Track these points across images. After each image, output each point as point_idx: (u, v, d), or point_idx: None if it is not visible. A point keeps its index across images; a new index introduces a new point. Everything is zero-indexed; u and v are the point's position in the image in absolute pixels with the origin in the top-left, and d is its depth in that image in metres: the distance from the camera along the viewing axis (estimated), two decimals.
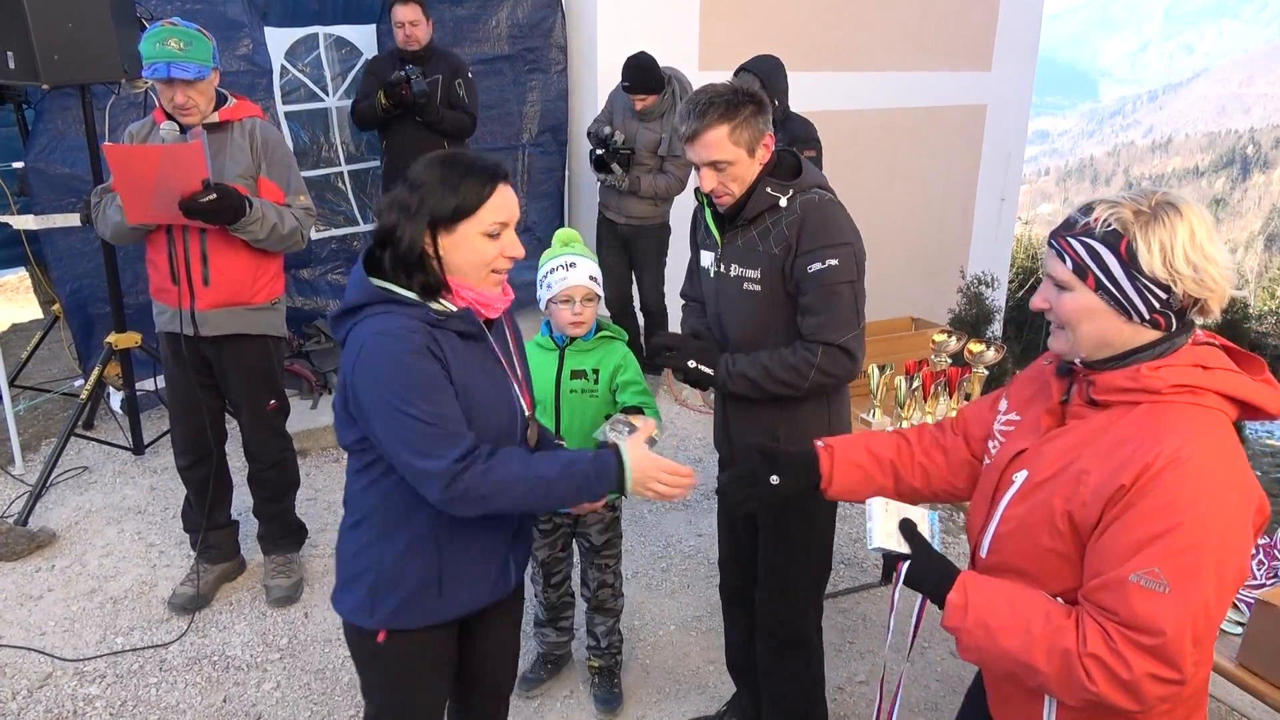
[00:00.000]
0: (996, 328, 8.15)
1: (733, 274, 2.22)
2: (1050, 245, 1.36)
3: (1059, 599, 1.36)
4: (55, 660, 2.97)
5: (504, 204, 1.65)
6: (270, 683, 2.92)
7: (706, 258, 2.31)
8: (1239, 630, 1.99)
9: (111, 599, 3.28)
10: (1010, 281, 9.97)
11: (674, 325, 5.38)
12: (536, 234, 5.93)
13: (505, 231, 1.66)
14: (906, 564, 1.51)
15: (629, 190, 4.72)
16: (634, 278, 5.11)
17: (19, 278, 6.45)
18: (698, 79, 5.08)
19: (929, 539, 1.54)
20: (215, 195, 2.71)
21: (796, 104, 4.49)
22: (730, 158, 2.08)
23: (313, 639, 3.12)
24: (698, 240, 2.38)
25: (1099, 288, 1.30)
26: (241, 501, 3.52)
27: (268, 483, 3.27)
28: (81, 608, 3.24)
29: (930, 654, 3.16)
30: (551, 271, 2.49)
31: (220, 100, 2.93)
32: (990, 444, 1.60)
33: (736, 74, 4.27)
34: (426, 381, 1.58)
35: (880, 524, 1.55)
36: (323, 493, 4.03)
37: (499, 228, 1.64)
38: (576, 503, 1.71)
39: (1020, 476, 1.41)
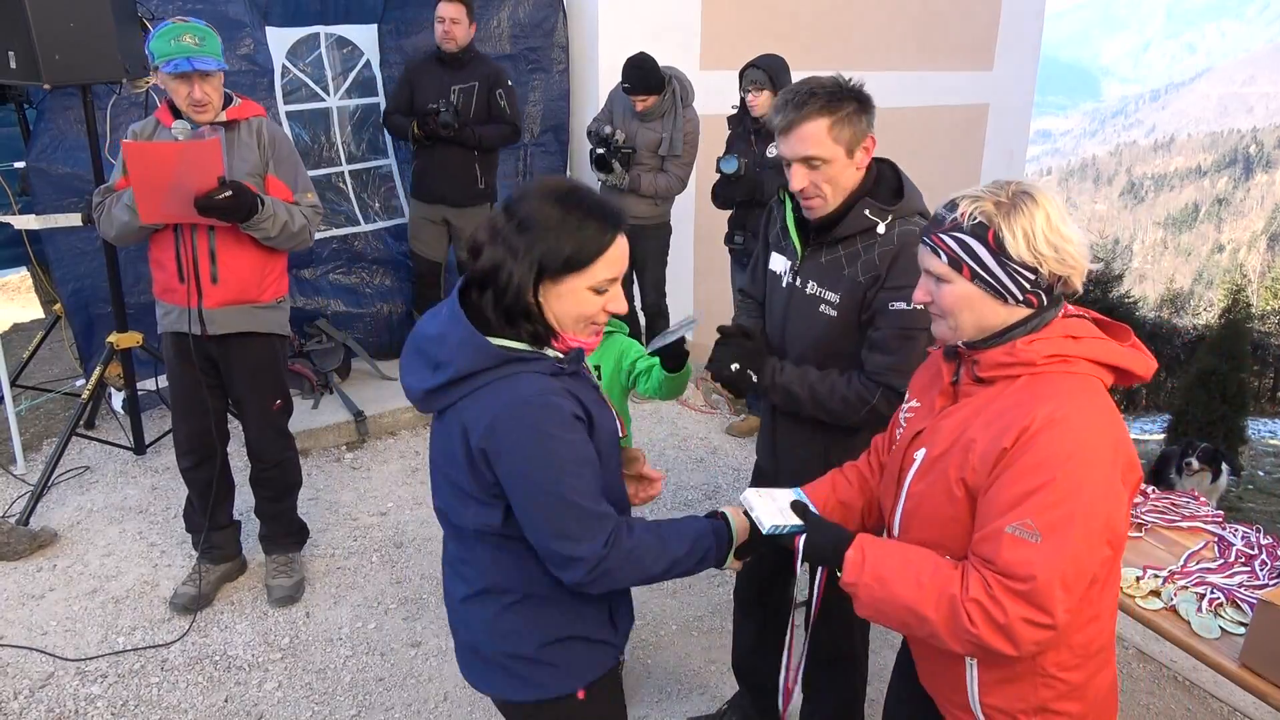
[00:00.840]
0: None
1: (809, 291, 2.09)
2: (924, 242, 1.48)
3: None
4: (57, 660, 2.97)
5: (619, 257, 1.46)
6: (272, 682, 2.92)
7: (779, 263, 2.19)
8: (1241, 630, 1.98)
9: (113, 598, 3.29)
10: None
11: (678, 318, 5.37)
12: None
13: (613, 286, 1.48)
14: (804, 536, 1.57)
15: (629, 189, 4.72)
16: (635, 278, 5.11)
17: (20, 277, 6.45)
18: (698, 78, 5.09)
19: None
20: (231, 192, 2.73)
21: None
22: (827, 155, 1.92)
23: (314, 639, 3.12)
24: (769, 239, 2.26)
25: (974, 277, 1.41)
26: (243, 501, 3.52)
27: (270, 482, 3.27)
28: (83, 607, 3.24)
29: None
30: None
31: (226, 100, 2.94)
32: (896, 431, 1.70)
33: (745, 70, 4.26)
34: (577, 458, 1.43)
35: (764, 510, 1.60)
36: (324, 493, 4.03)
37: (608, 284, 1.46)
38: (693, 573, 1.62)
39: (920, 454, 1.51)
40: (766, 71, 4.19)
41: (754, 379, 2.12)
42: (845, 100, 1.92)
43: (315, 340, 4.89)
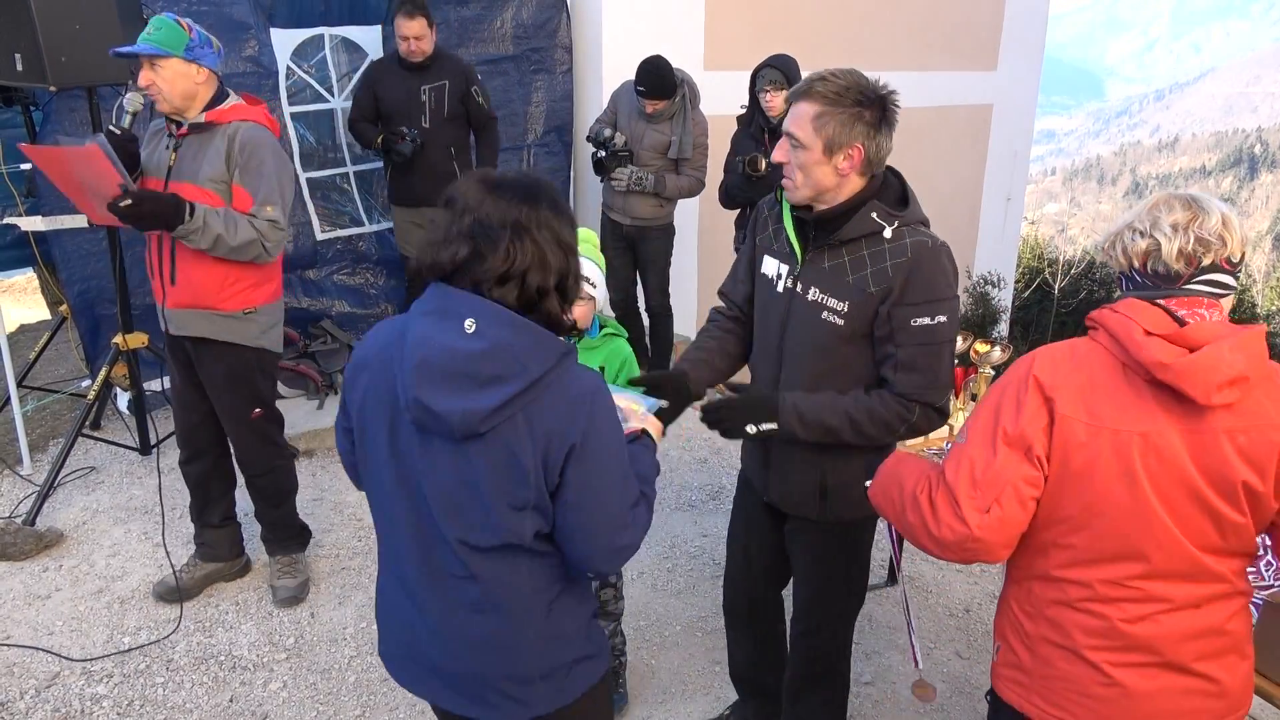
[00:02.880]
0: (1003, 328, 8.15)
1: (810, 297, 2.01)
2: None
3: None
4: (63, 660, 2.98)
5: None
6: (277, 682, 2.93)
7: (772, 266, 2.10)
8: None
9: (119, 599, 3.29)
10: (1016, 281, 9.96)
11: (680, 322, 5.39)
12: None
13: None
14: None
15: (652, 190, 4.71)
16: (639, 279, 5.11)
17: (27, 278, 6.47)
18: (702, 79, 5.10)
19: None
20: (131, 201, 2.66)
21: None
22: (804, 140, 1.89)
23: (319, 639, 3.13)
24: (760, 242, 2.17)
25: None
26: (247, 503, 3.53)
27: (261, 490, 3.25)
28: (89, 607, 3.25)
29: (936, 654, 3.15)
30: None
31: (218, 100, 2.90)
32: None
33: (760, 70, 4.24)
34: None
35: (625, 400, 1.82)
36: (329, 493, 4.04)
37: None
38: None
39: None
40: (783, 71, 4.18)
41: (774, 429, 2.02)
42: (845, 100, 1.87)
43: (320, 341, 4.90)
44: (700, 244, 6.14)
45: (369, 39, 5.17)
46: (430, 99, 4.58)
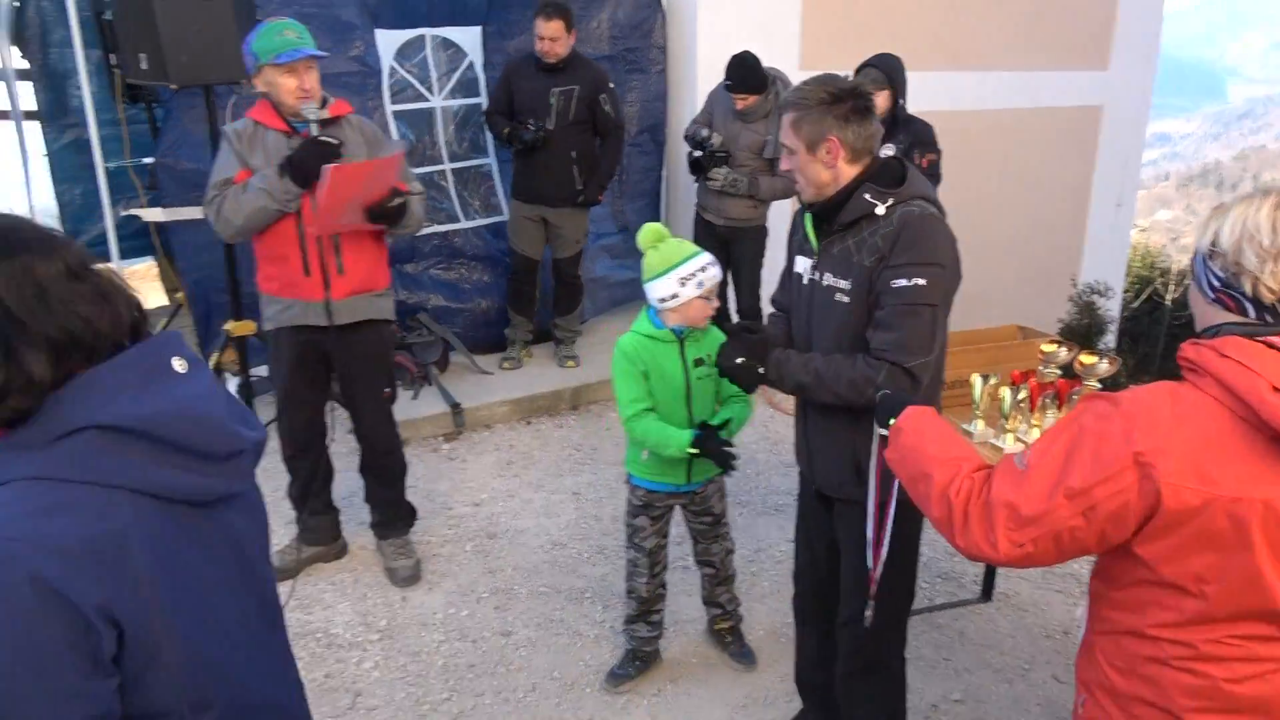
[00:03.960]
0: (1110, 339, 7.79)
1: (825, 283, 2.13)
2: None
3: None
4: None
5: None
6: (369, 662, 3.02)
7: (802, 264, 2.24)
8: None
9: None
10: (1125, 291, 9.53)
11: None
12: (634, 233, 5.94)
13: None
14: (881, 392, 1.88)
15: (746, 192, 4.69)
16: (730, 279, 5.08)
17: (147, 266, 6.83)
18: (798, 78, 5.01)
19: None
20: (401, 200, 2.92)
21: None
22: (792, 145, 2.07)
23: (409, 622, 3.21)
24: (792, 245, 2.32)
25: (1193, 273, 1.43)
26: (344, 487, 3.65)
27: (384, 470, 3.39)
28: None
29: (1032, 676, 3.04)
30: (702, 270, 2.55)
31: (324, 99, 3.04)
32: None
33: (861, 70, 4.17)
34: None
35: None
36: (421, 482, 4.14)
37: None
38: None
39: None
40: (884, 71, 4.09)
41: (760, 371, 2.16)
42: (809, 100, 2.02)
43: (416, 333, 5.03)
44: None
45: (468, 39, 5.29)
46: (558, 101, 4.68)
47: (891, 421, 1.69)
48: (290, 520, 3.53)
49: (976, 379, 2.89)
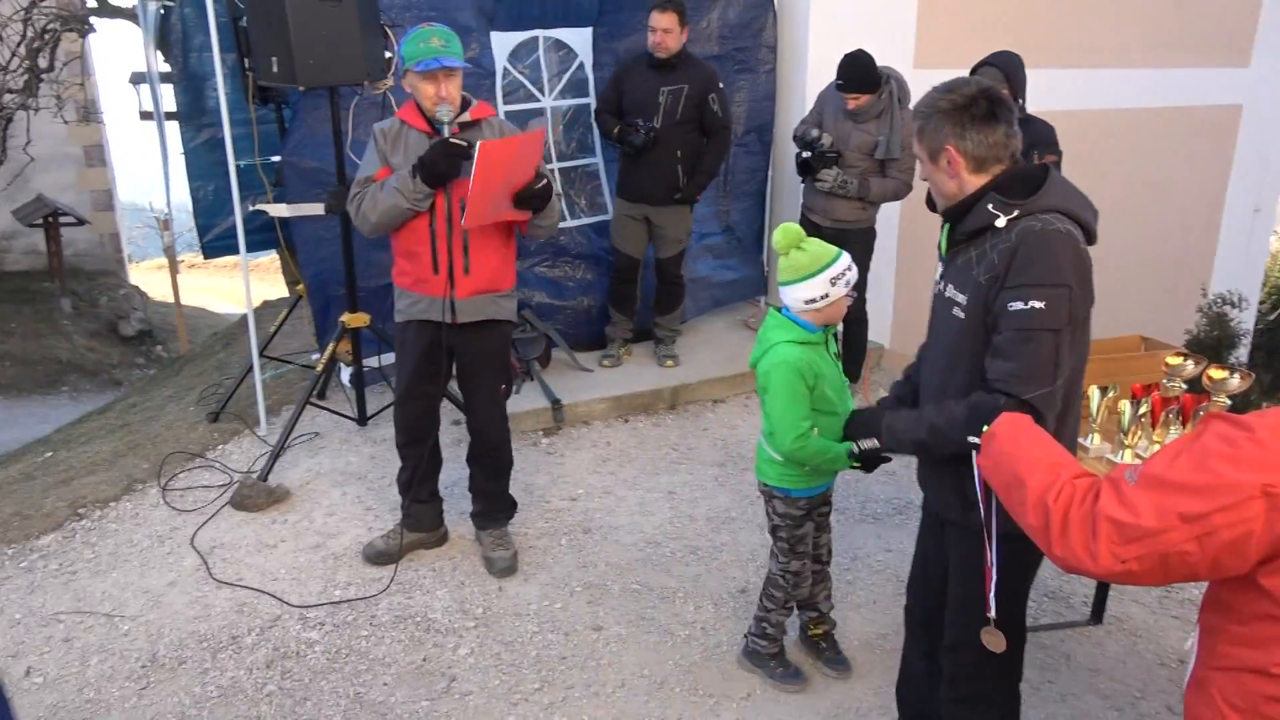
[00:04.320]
0: (1242, 353, 7.32)
1: (947, 294, 2.06)
2: None
3: None
4: (284, 604, 3.30)
5: None
6: (465, 648, 3.11)
7: (937, 272, 2.19)
8: None
9: (333, 555, 3.60)
10: (1261, 302, 8.93)
11: (874, 329, 5.23)
12: (738, 234, 5.93)
13: None
14: (973, 400, 1.87)
15: (856, 194, 4.61)
16: None
17: (270, 259, 7.19)
18: (913, 77, 4.90)
19: None
20: (545, 181, 3.02)
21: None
22: (919, 155, 2.04)
23: (505, 612, 3.29)
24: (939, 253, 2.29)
25: None
26: (447, 476, 3.76)
27: (493, 462, 3.49)
28: (308, 560, 3.58)
29: (1143, 706, 2.89)
30: (848, 269, 2.57)
31: (466, 103, 3.15)
32: None
33: (978, 68, 4.04)
34: None
35: None
36: (520, 474, 4.20)
37: None
38: None
39: None
40: (1002, 69, 3.95)
41: (876, 447, 2.13)
42: (933, 109, 1.97)
43: (520, 329, 5.13)
44: (900, 249, 5.93)
45: (580, 40, 5.35)
46: (666, 100, 4.71)
47: (985, 428, 1.64)
48: (396, 506, 3.66)
49: (1094, 391, 2.77)
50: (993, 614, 1.97)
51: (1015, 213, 1.91)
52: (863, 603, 3.38)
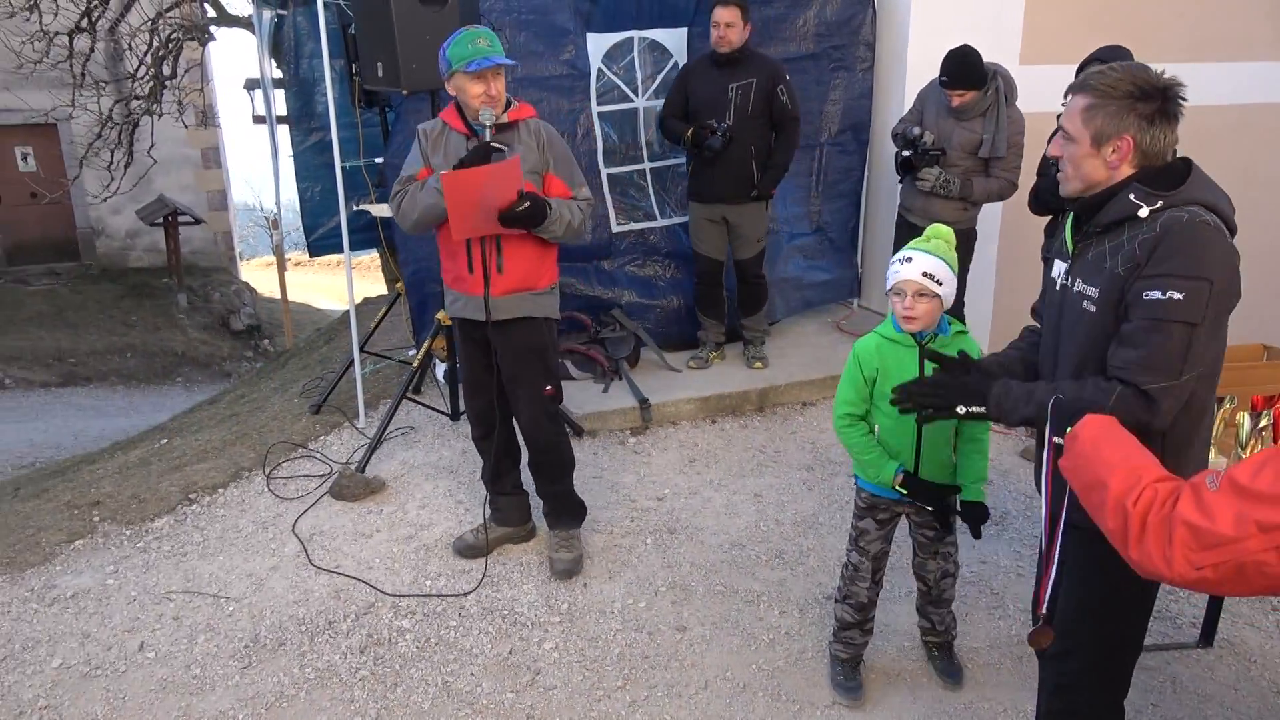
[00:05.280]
0: None
1: (1075, 289, 1.98)
2: None
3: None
4: (378, 593, 3.41)
5: None
6: (550, 643, 3.15)
7: (1056, 268, 2.10)
8: None
9: (424, 546, 3.70)
10: None
11: (972, 332, 5.07)
12: (829, 234, 5.85)
13: None
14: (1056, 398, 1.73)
15: (959, 195, 4.50)
16: None
17: (371, 258, 7.43)
18: (1018, 73, 4.74)
19: None
20: (529, 204, 3.02)
21: None
22: (1074, 133, 1.90)
23: (589, 608, 3.32)
24: (1053, 249, 2.18)
25: None
26: (529, 472, 3.81)
27: (544, 467, 3.49)
28: (401, 550, 3.68)
29: None
30: (891, 263, 2.52)
31: (507, 103, 3.19)
32: None
33: (1086, 64, 3.89)
34: None
35: None
36: (607, 473, 4.26)
37: None
38: None
39: None
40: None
41: (982, 412, 2.00)
42: (1115, 93, 1.84)
43: (609, 328, 5.17)
44: (1000, 251, 5.74)
45: (675, 41, 5.36)
46: (736, 96, 4.67)
47: (1068, 429, 1.61)
48: (486, 500, 3.74)
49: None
50: (1044, 610, 1.91)
51: (1159, 203, 1.84)
52: (986, 612, 3.28)
